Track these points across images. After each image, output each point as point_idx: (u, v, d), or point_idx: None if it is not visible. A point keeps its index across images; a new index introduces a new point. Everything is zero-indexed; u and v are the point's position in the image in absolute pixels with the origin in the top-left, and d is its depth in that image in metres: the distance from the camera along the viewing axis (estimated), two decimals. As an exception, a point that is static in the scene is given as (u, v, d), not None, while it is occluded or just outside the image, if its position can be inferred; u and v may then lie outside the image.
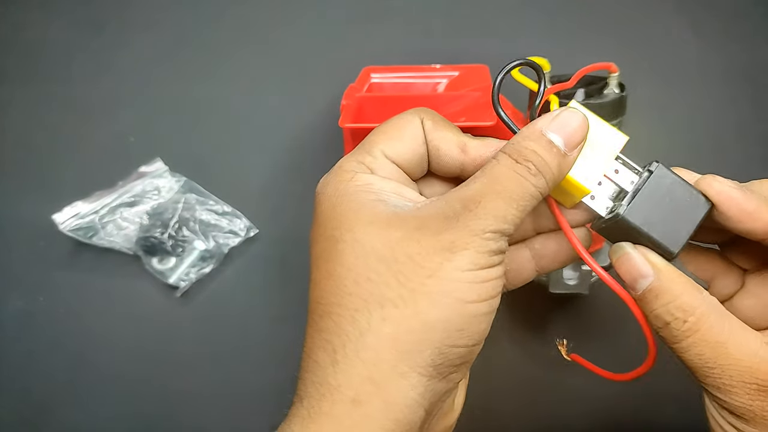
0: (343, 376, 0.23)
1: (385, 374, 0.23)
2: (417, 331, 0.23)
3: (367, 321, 0.24)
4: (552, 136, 0.25)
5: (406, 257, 0.24)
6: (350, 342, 0.24)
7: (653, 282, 0.25)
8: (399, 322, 0.23)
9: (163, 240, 0.46)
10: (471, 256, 0.24)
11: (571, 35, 0.56)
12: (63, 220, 0.46)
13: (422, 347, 0.23)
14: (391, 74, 0.47)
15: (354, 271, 0.24)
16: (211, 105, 0.54)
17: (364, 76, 0.47)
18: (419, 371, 0.23)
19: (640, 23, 0.57)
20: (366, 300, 0.24)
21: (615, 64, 0.36)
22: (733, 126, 0.38)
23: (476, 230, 0.24)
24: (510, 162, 0.25)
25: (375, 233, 0.24)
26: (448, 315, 0.23)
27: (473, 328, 0.24)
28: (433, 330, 0.23)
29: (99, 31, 0.59)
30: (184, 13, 0.60)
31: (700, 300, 0.24)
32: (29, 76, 0.57)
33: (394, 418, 0.23)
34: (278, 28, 0.59)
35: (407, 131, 0.27)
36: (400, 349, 0.23)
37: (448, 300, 0.23)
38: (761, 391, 0.23)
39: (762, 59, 0.55)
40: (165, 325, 0.45)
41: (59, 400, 0.43)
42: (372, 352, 0.23)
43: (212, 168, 0.50)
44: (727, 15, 0.57)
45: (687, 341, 0.24)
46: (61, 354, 0.44)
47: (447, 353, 0.24)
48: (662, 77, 0.54)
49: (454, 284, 0.23)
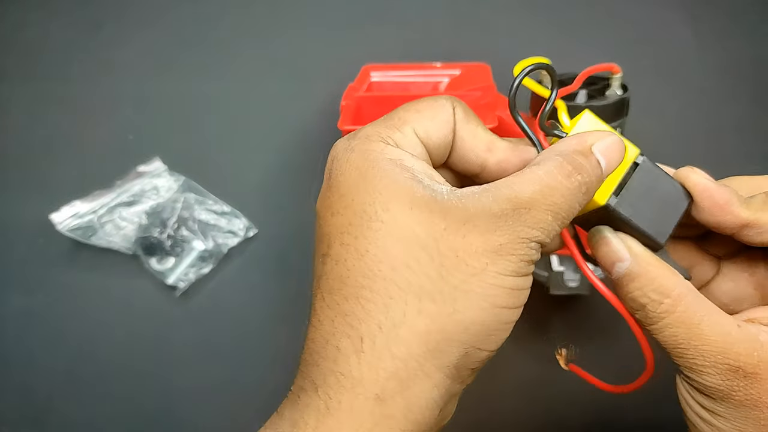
0: (368, 369, 0.22)
1: (412, 372, 0.22)
2: (450, 330, 0.22)
3: (402, 311, 0.22)
4: (599, 156, 0.25)
5: (451, 251, 0.23)
6: (381, 333, 0.22)
7: (630, 266, 0.25)
8: (434, 318, 0.22)
9: (162, 240, 0.46)
10: (515, 262, 0.23)
11: (571, 33, 0.55)
12: (61, 219, 0.46)
13: (452, 347, 0.23)
14: (391, 72, 0.47)
15: (392, 255, 0.22)
16: (210, 104, 0.54)
17: (363, 75, 0.47)
18: (444, 372, 0.23)
19: (640, 21, 0.57)
20: (403, 289, 0.22)
21: (618, 65, 0.36)
22: (733, 123, 0.38)
23: (524, 238, 0.23)
24: (566, 173, 0.24)
25: (417, 217, 0.23)
26: (484, 318, 0.23)
27: (501, 334, 0.24)
28: (466, 331, 0.23)
29: (98, 31, 0.59)
30: (182, 12, 0.60)
31: (676, 283, 0.24)
32: (28, 75, 0.57)
33: (414, 419, 0.22)
34: (277, 27, 0.59)
35: (441, 114, 0.26)
36: (431, 347, 0.22)
37: (486, 303, 0.23)
38: (732, 371, 0.23)
39: (761, 56, 0.55)
40: (164, 324, 0.45)
41: (59, 398, 0.43)
42: (404, 346, 0.22)
43: (211, 167, 0.50)
44: (727, 12, 0.57)
45: (662, 322, 0.24)
46: (61, 353, 0.44)
47: (472, 355, 0.23)
48: (662, 75, 0.54)
49: (496, 288, 0.23)
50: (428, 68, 0.47)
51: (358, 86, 0.45)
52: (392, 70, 0.47)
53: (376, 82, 0.47)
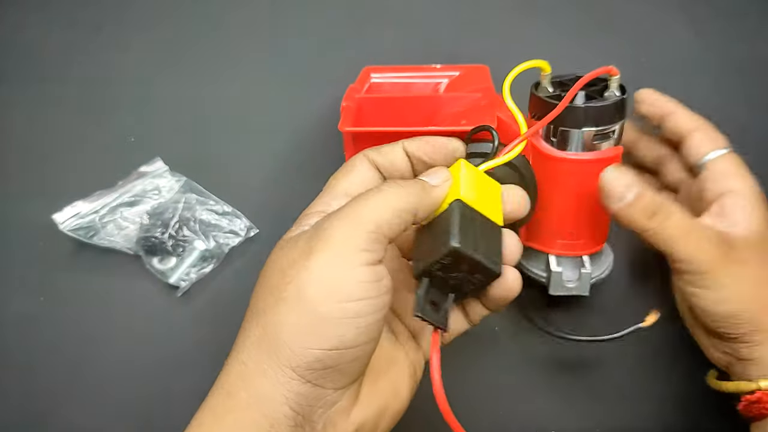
0: (225, 375, 0.28)
1: (252, 372, 0.27)
2: (273, 334, 0.27)
3: (248, 329, 0.28)
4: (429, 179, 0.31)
5: (277, 270, 0.28)
6: (235, 347, 0.28)
7: (637, 191, 0.34)
8: (264, 327, 0.27)
9: (164, 240, 0.46)
10: (326, 260, 0.27)
11: (571, 33, 0.56)
12: (63, 219, 0.46)
13: (279, 349, 0.26)
14: (391, 74, 0.47)
15: (255, 294, 0.29)
16: (211, 105, 0.54)
17: (364, 76, 0.47)
18: (280, 371, 0.26)
19: (640, 22, 0.58)
20: (252, 312, 0.28)
21: (615, 68, 0.36)
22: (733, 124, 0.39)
23: (334, 236, 0.27)
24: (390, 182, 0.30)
25: (271, 257, 0.30)
26: (298, 319, 0.26)
27: (328, 332, 0.26)
28: (287, 333, 0.26)
29: (98, 32, 0.59)
30: (183, 13, 0.60)
31: (664, 197, 0.34)
32: (29, 77, 0.57)
33: (260, 411, 0.27)
34: (278, 28, 0.59)
35: (357, 170, 0.32)
36: (264, 349, 0.27)
37: (300, 305, 0.26)
38: (705, 244, 0.33)
39: (761, 57, 0.55)
40: (165, 325, 0.45)
41: (61, 399, 0.43)
42: (245, 353, 0.27)
43: (212, 168, 0.50)
44: (727, 13, 0.57)
45: (665, 224, 0.33)
46: (62, 354, 0.44)
47: (302, 355, 0.26)
48: (661, 75, 0.54)
49: (307, 289, 0.26)
50: (428, 70, 0.47)
51: (359, 87, 0.45)
52: (392, 72, 0.47)
53: (377, 83, 0.47)
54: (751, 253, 0.34)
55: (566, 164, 0.37)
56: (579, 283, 0.40)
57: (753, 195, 0.35)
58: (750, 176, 0.36)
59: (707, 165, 0.37)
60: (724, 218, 0.35)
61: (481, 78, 0.45)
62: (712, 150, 0.37)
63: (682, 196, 0.40)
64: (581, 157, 0.37)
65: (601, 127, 0.36)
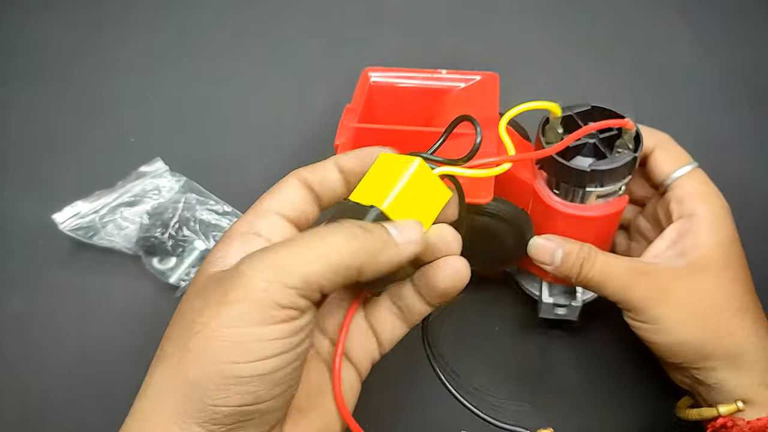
0: (125, 426, 0.25)
1: (154, 426, 0.24)
2: (178, 386, 0.24)
3: (152, 375, 0.25)
4: (393, 230, 0.26)
5: (189, 311, 0.25)
6: (141, 391, 0.25)
7: (562, 253, 0.35)
8: (170, 376, 0.24)
9: (164, 240, 0.46)
10: (237, 314, 0.23)
11: (571, 39, 0.56)
12: (63, 219, 0.46)
13: (182, 403, 0.23)
14: (393, 74, 0.44)
15: (167, 330, 0.26)
16: (211, 105, 0.55)
17: (363, 81, 0.43)
18: (186, 427, 0.23)
19: (640, 27, 0.58)
20: (160, 354, 0.25)
21: (631, 121, 0.33)
22: (733, 126, 0.39)
23: (249, 286, 0.23)
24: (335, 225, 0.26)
25: (188, 292, 0.27)
26: (204, 374, 0.23)
27: (237, 390, 0.23)
28: (192, 388, 0.23)
29: (99, 32, 0.60)
30: (184, 14, 0.60)
31: (587, 249, 0.35)
32: (30, 77, 0.57)
33: None
34: (278, 29, 0.59)
35: (287, 191, 0.29)
36: (167, 402, 0.24)
37: (206, 361, 0.23)
38: (633, 283, 0.34)
39: (762, 59, 0.55)
40: (165, 324, 0.45)
41: (59, 399, 0.43)
42: (147, 401, 0.24)
43: (212, 168, 0.50)
44: (727, 15, 0.57)
45: (591, 270, 0.34)
46: (61, 353, 0.44)
47: (209, 412, 0.23)
48: (661, 78, 0.54)
49: (214, 344, 0.23)
50: (432, 74, 0.43)
51: (355, 107, 0.41)
52: (394, 73, 0.44)
53: (377, 84, 0.44)
54: (695, 283, 0.33)
55: (567, 217, 0.36)
56: (569, 310, 0.40)
57: (713, 219, 0.34)
58: (715, 195, 0.35)
59: (672, 185, 0.36)
60: (676, 244, 0.34)
61: (486, 94, 0.40)
62: (676, 169, 0.36)
63: (647, 213, 0.39)
64: (583, 213, 0.35)
65: (607, 187, 0.34)
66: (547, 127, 0.35)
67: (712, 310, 0.33)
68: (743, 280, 0.34)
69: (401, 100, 0.43)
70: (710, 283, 0.33)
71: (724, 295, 0.33)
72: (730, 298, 0.33)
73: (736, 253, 0.34)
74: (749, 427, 0.31)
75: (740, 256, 0.35)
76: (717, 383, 0.33)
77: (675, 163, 0.36)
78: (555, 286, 0.41)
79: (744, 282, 0.34)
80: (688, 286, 0.33)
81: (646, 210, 0.39)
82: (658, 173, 0.36)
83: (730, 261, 0.34)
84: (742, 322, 0.33)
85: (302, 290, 0.24)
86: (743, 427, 0.32)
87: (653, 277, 0.34)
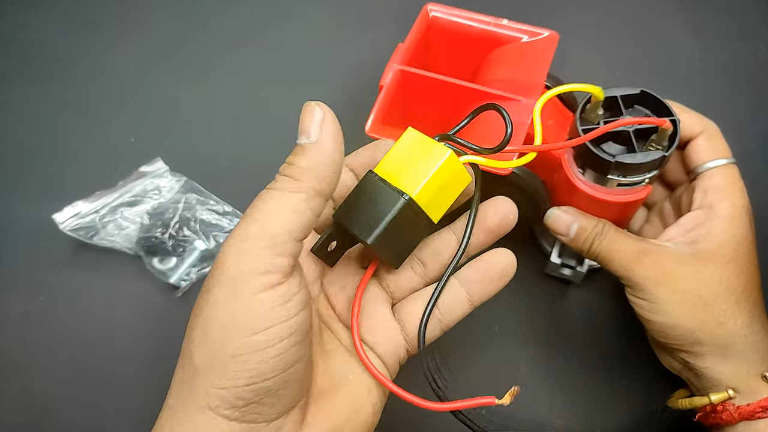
0: (159, 419, 0.27)
1: (178, 416, 0.25)
2: (189, 374, 0.25)
3: (176, 368, 0.27)
4: (299, 139, 0.27)
5: (198, 299, 0.26)
6: (170, 387, 0.27)
7: (577, 227, 0.37)
8: (182, 366, 0.26)
9: (164, 240, 0.46)
10: (222, 293, 0.24)
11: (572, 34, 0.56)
12: (63, 219, 0.46)
13: (194, 390, 0.25)
14: (454, 12, 0.42)
15: None
16: (211, 105, 0.55)
17: (422, 18, 0.42)
18: (202, 413, 0.25)
19: (641, 22, 0.58)
20: (182, 347, 0.26)
21: (669, 122, 0.33)
22: (733, 124, 0.39)
23: (226, 264, 0.25)
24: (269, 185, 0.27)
25: None
26: (207, 359, 0.25)
27: (240, 368, 0.24)
28: (198, 373, 0.25)
29: (98, 32, 0.60)
30: (183, 12, 0.60)
31: (600, 225, 0.36)
32: (29, 77, 0.57)
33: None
34: (278, 27, 0.59)
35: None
36: (184, 391, 0.25)
37: (206, 344, 0.25)
38: (637, 262, 0.35)
39: (762, 57, 0.55)
40: (166, 324, 0.45)
41: (60, 399, 0.43)
42: (171, 396, 0.26)
43: (212, 168, 0.50)
44: (727, 13, 0.57)
45: (600, 246, 0.36)
46: (62, 354, 0.44)
47: (218, 395, 0.24)
48: (662, 75, 0.54)
49: (212, 327, 0.25)
50: (494, 19, 0.42)
51: (413, 37, 0.40)
52: (456, 11, 0.42)
53: (435, 22, 0.42)
54: (696, 271, 0.34)
55: (588, 197, 0.37)
56: (574, 273, 0.42)
57: (731, 216, 0.35)
58: (740, 193, 0.36)
59: (702, 175, 0.36)
60: (688, 233, 0.35)
61: (541, 55, 0.40)
62: (711, 159, 0.36)
63: (674, 198, 0.40)
64: (602, 197, 0.36)
65: (630, 179, 0.35)
66: (589, 107, 0.35)
67: (708, 299, 0.34)
68: (747, 275, 0.34)
69: (457, 42, 0.43)
70: (711, 273, 0.34)
71: (723, 286, 0.34)
72: (728, 290, 0.34)
73: (748, 251, 0.35)
74: (738, 412, 0.32)
75: (750, 254, 0.35)
76: (704, 369, 0.34)
77: (712, 154, 0.36)
78: (567, 249, 0.42)
79: (748, 277, 0.34)
80: (689, 273, 0.34)
81: (674, 195, 0.40)
82: (693, 159, 0.37)
83: (737, 256, 0.34)
84: (737, 314, 0.33)
85: (274, 247, 0.24)
86: (733, 411, 0.33)
87: (656, 258, 0.35)
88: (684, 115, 0.37)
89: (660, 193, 0.41)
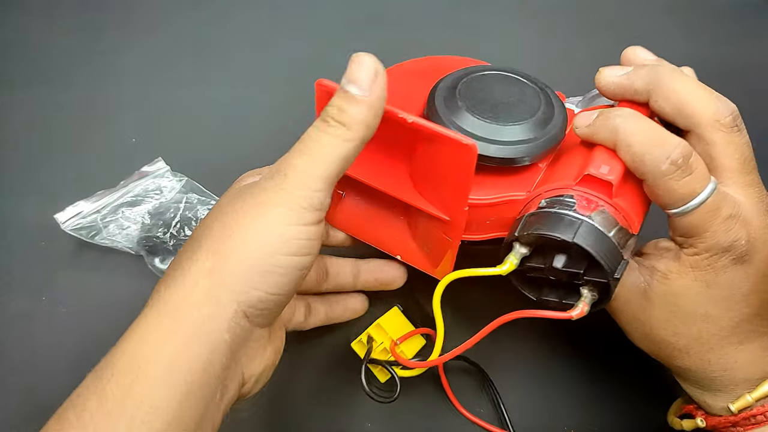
0: (170, 293, 0.28)
1: (203, 296, 0.27)
2: (228, 268, 0.28)
3: (198, 256, 0.28)
4: (348, 87, 0.29)
5: (231, 212, 0.29)
6: (179, 267, 0.29)
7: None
8: (218, 259, 0.28)
9: (165, 240, 0.46)
10: (282, 212, 0.28)
11: (567, 36, 0.56)
12: (65, 219, 0.46)
13: (232, 283, 0.27)
14: None
15: (208, 221, 0.30)
16: (212, 106, 0.55)
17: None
18: (231, 303, 0.27)
19: (635, 24, 0.58)
20: (204, 238, 0.29)
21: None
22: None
23: (287, 189, 0.28)
24: (317, 123, 0.29)
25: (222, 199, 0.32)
26: (250, 262, 0.28)
27: (274, 279, 0.28)
28: (240, 271, 0.28)
29: (100, 34, 0.60)
30: (185, 15, 0.61)
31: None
32: (31, 79, 0.57)
33: (206, 333, 0.27)
34: (278, 29, 0.59)
35: None
36: (217, 280, 0.27)
37: (253, 250, 0.28)
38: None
39: (756, 59, 0.55)
40: (167, 323, 0.46)
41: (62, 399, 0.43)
42: (192, 278, 0.28)
43: (213, 168, 0.50)
44: (722, 16, 0.58)
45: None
46: (64, 354, 0.44)
47: (249, 294, 0.28)
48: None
49: (262, 237, 0.28)
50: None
51: None
52: None
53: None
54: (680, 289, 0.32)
55: None
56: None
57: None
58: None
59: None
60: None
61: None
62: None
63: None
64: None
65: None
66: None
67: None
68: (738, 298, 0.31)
69: None
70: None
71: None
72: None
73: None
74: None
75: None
76: (685, 369, 0.33)
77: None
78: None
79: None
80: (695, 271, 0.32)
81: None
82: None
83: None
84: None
85: (325, 190, 0.28)
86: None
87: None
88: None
89: None
